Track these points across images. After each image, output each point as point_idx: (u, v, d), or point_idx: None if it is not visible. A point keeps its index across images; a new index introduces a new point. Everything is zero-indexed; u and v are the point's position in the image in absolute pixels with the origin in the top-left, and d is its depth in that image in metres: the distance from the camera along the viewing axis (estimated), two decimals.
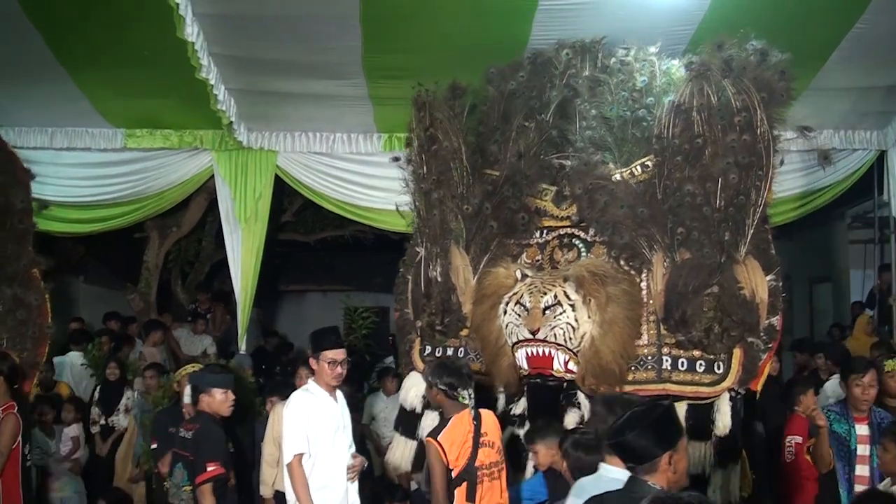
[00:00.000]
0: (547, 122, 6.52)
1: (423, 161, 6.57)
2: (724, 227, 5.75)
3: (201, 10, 6.60)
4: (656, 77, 6.19)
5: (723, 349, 5.80)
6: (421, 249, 6.67)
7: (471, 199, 6.45)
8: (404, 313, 6.86)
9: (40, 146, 9.12)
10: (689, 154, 5.81)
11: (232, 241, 9.35)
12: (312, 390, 5.73)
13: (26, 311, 6.80)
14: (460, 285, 6.44)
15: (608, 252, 6.15)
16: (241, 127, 8.77)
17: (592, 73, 6.43)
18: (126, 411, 9.00)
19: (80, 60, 7.72)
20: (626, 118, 6.18)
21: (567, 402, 6.01)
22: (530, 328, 5.91)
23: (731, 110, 5.74)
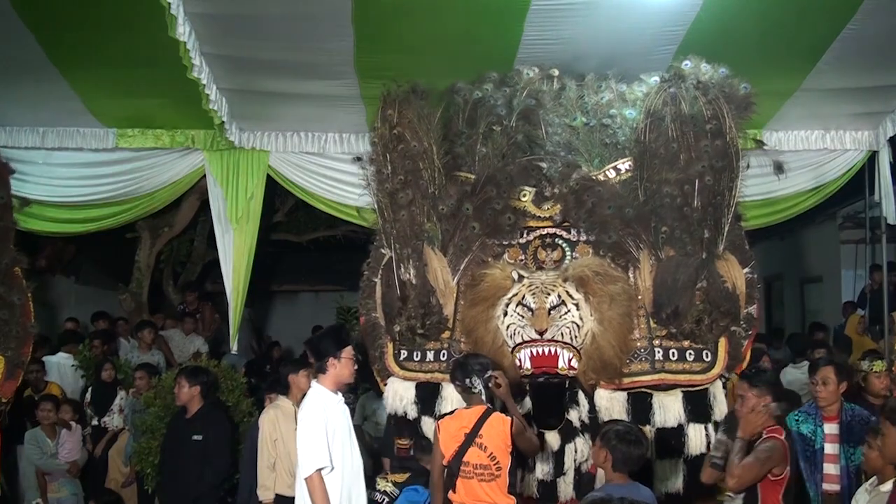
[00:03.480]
0: (513, 126, 6.58)
1: (388, 160, 6.44)
2: (704, 226, 6.13)
3: (193, 10, 6.57)
4: (615, 94, 6.60)
5: (711, 339, 6.20)
6: (388, 251, 6.52)
7: (446, 200, 6.40)
8: (371, 317, 6.70)
9: (32, 146, 9.07)
10: (665, 158, 6.14)
11: (224, 241, 9.31)
12: (323, 394, 5.59)
13: (9, 311, 6.78)
14: (440, 287, 6.37)
15: (594, 251, 6.38)
16: (233, 127, 8.74)
17: (552, 90, 6.75)
18: (119, 412, 9.02)
19: (72, 60, 7.68)
20: (591, 126, 6.55)
21: (570, 400, 6.27)
22: (538, 329, 6.04)
23: (702, 118, 6.11)
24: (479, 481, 5.34)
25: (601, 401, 6.23)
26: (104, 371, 9.32)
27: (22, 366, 6.92)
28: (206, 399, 7.12)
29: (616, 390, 6.23)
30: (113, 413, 9.09)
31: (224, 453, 7.09)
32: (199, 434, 6.97)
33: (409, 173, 6.37)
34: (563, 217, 6.49)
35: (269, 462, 6.69)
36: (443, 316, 6.41)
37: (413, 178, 6.38)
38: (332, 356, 5.61)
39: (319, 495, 5.30)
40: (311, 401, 5.58)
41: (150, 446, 7.81)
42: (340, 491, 5.43)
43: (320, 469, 5.33)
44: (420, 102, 6.47)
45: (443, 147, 6.48)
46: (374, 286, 6.64)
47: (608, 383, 6.21)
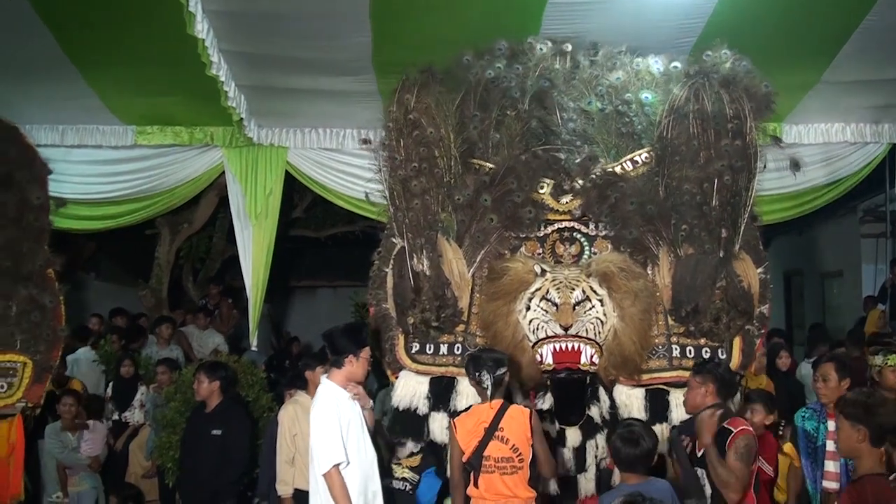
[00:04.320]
0: (526, 111, 6.49)
1: (402, 146, 6.29)
2: (722, 225, 6.08)
3: (211, 7, 6.62)
4: (630, 74, 6.48)
5: (728, 337, 6.21)
6: (399, 240, 6.36)
7: (462, 190, 6.29)
8: (382, 308, 6.55)
9: (51, 143, 9.13)
10: (686, 155, 6.12)
11: (243, 237, 9.37)
12: (335, 391, 5.54)
13: (41, 313, 6.74)
14: (455, 279, 6.26)
15: (614, 246, 6.35)
16: (252, 123, 8.79)
17: (564, 66, 6.60)
18: (140, 407, 9.08)
19: (91, 58, 7.75)
20: (606, 112, 6.45)
21: (592, 396, 6.23)
22: (564, 324, 6.00)
23: (724, 117, 6.06)
24: (501, 475, 5.28)
25: (620, 397, 6.24)
26: (123, 367, 9.38)
27: (50, 370, 6.89)
28: (225, 394, 7.13)
29: (635, 386, 6.22)
30: (134, 408, 9.15)
31: (243, 448, 7.09)
32: (219, 429, 6.98)
33: (423, 161, 6.25)
34: (582, 211, 6.45)
35: (288, 457, 6.67)
36: (458, 309, 6.30)
37: (428, 166, 6.25)
38: (352, 354, 5.56)
39: (339, 490, 5.26)
40: (322, 397, 5.54)
41: (170, 441, 7.86)
42: (359, 485, 5.41)
43: (337, 464, 5.31)
44: (438, 88, 6.38)
45: (460, 134, 6.39)
46: (384, 276, 6.50)
47: (627, 379, 6.21)
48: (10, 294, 6.66)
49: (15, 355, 6.61)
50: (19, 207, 6.81)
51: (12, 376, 6.55)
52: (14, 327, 6.66)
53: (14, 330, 6.65)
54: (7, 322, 6.64)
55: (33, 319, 6.71)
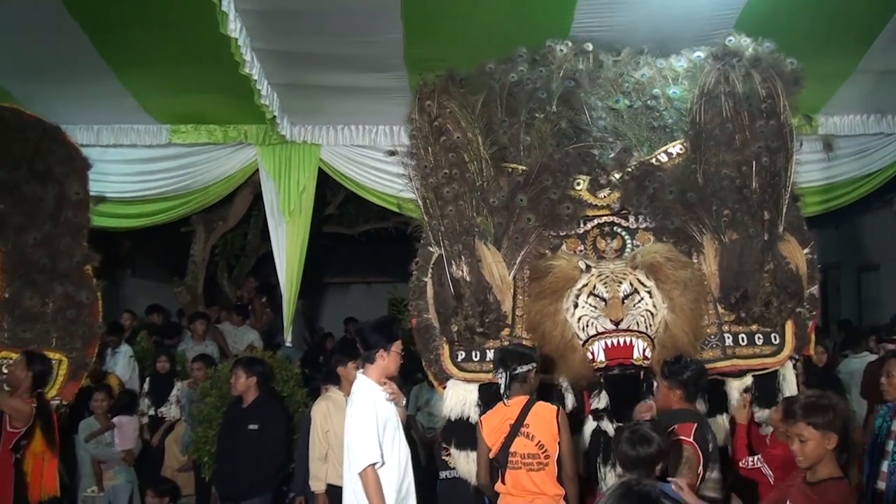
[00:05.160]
0: (555, 112, 6.44)
1: (430, 154, 6.17)
2: (763, 207, 5.96)
3: (244, 7, 6.64)
4: (654, 71, 6.43)
5: (780, 321, 6.09)
6: (437, 249, 6.23)
7: (496, 193, 6.17)
8: (424, 319, 6.39)
9: (86, 143, 9.20)
10: (721, 139, 6.02)
11: (277, 234, 9.43)
12: (372, 387, 5.56)
13: (77, 310, 6.78)
14: (496, 283, 6.12)
15: (656, 237, 6.24)
16: (285, 121, 8.84)
17: (588, 67, 6.54)
18: (176, 402, 9.17)
19: (125, 58, 7.81)
20: (634, 108, 6.38)
21: (647, 391, 6.07)
22: (614, 318, 5.87)
23: (756, 97, 5.95)
24: (528, 471, 5.26)
25: None
26: (159, 362, 9.49)
27: (86, 367, 6.94)
28: (261, 389, 7.19)
29: None
30: (170, 403, 9.25)
31: (279, 443, 7.16)
32: (255, 424, 7.05)
33: (453, 166, 6.14)
34: (620, 204, 6.36)
35: (321, 453, 6.72)
36: (501, 312, 6.16)
37: (458, 171, 6.14)
38: (383, 348, 5.59)
39: (373, 489, 5.28)
40: (360, 394, 5.55)
41: (206, 435, 7.95)
42: (394, 482, 5.42)
43: (373, 464, 5.31)
44: (459, 91, 6.28)
45: (489, 137, 6.30)
46: (424, 286, 6.38)
47: None
48: (46, 291, 6.71)
49: (51, 352, 6.64)
50: (58, 202, 6.84)
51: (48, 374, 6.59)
52: (50, 325, 6.70)
53: (50, 327, 6.69)
54: (43, 319, 6.69)
55: (69, 317, 6.75)
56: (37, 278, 6.70)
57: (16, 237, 6.73)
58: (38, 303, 6.68)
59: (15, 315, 6.65)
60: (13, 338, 6.63)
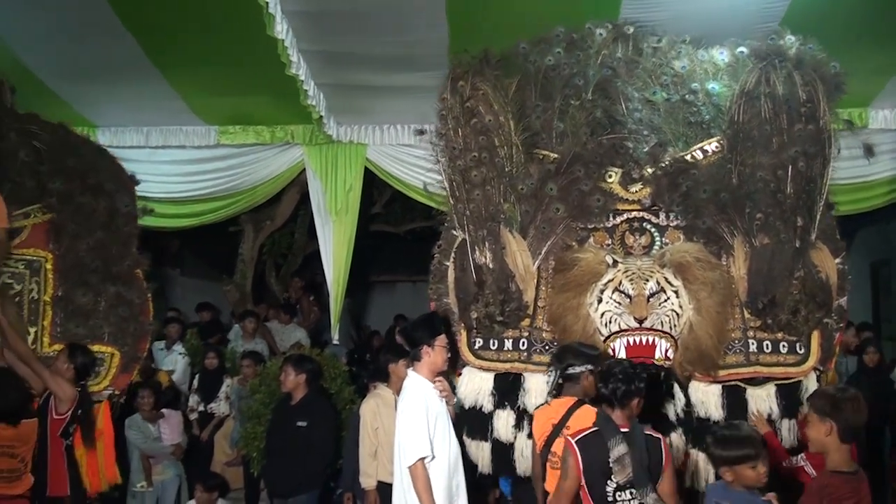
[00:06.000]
0: (590, 100, 6.31)
1: (460, 136, 6.07)
2: (797, 213, 5.83)
3: (290, 8, 6.69)
4: (695, 63, 6.26)
5: (806, 331, 5.93)
6: (460, 233, 6.18)
7: (525, 180, 6.07)
8: (443, 303, 6.33)
9: (136, 145, 9.41)
10: (758, 141, 5.89)
11: (324, 233, 9.50)
12: (421, 382, 5.58)
13: (128, 309, 6.95)
14: (519, 272, 6.02)
15: (686, 237, 6.12)
16: (331, 121, 8.91)
17: (626, 54, 6.40)
18: (226, 398, 9.30)
19: (173, 61, 7.93)
20: (672, 101, 6.23)
21: (666, 393, 5.99)
22: (638, 316, 5.79)
23: (796, 100, 5.81)
24: None
25: (696, 394, 5.97)
26: (207, 359, 9.63)
27: (138, 361, 7.10)
28: (310, 387, 7.27)
29: (711, 383, 5.96)
30: (219, 400, 9.38)
31: (328, 439, 7.22)
32: (304, 420, 7.11)
33: (483, 150, 6.03)
34: (652, 200, 6.21)
35: (371, 450, 6.77)
36: (522, 302, 6.06)
37: (488, 155, 6.03)
38: (426, 344, 5.60)
39: (422, 484, 5.29)
40: (410, 389, 5.58)
41: (255, 431, 8.05)
42: (444, 478, 5.44)
43: (422, 458, 5.33)
44: (494, 73, 6.18)
45: (521, 121, 6.19)
46: (445, 270, 6.33)
47: (703, 375, 5.94)
48: (99, 290, 6.89)
49: (103, 346, 6.84)
50: (109, 213, 7.04)
51: (100, 366, 6.79)
52: (103, 321, 6.88)
53: (102, 323, 6.88)
54: (95, 316, 6.88)
55: (121, 314, 6.93)
56: (89, 279, 6.88)
57: (70, 243, 6.92)
58: (90, 300, 6.86)
59: (67, 311, 6.84)
60: (65, 332, 6.81)
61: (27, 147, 6.98)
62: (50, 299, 6.84)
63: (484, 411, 6.10)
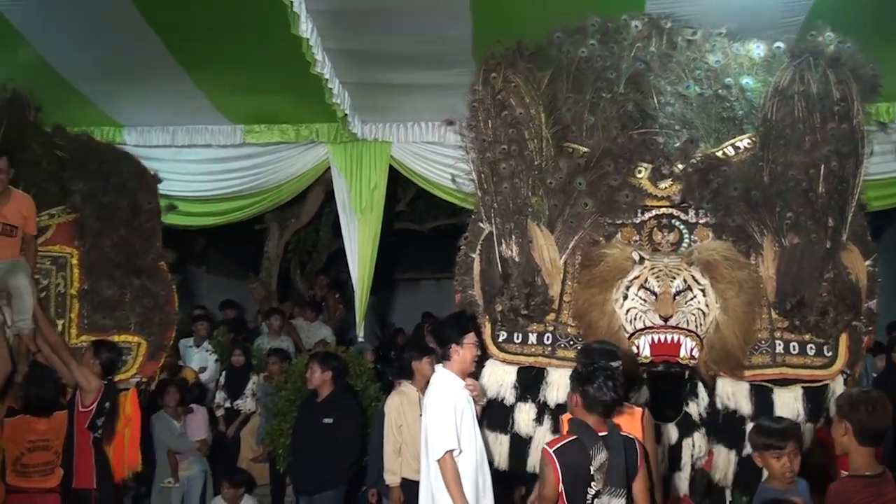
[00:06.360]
0: (622, 94, 6.26)
1: (490, 128, 6.06)
2: (828, 213, 5.74)
3: (315, 7, 6.73)
4: (729, 57, 6.18)
5: (834, 333, 5.82)
6: (487, 225, 6.16)
7: (555, 173, 6.04)
8: (468, 295, 6.31)
9: (162, 144, 9.49)
10: (791, 139, 5.81)
11: (349, 231, 9.53)
12: (450, 378, 5.59)
13: (153, 300, 7.11)
14: (546, 266, 5.97)
15: (715, 235, 6.05)
16: (356, 119, 8.93)
17: (660, 47, 6.34)
18: (252, 395, 9.36)
19: (198, 60, 7.98)
20: (705, 96, 6.16)
21: (690, 392, 5.94)
22: (664, 314, 5.69)
23: (830, 99, 5.74)
24: None
25: (725, 388, 5.89)
26: (234, 356, 9.69)
27: (164, 349, 7.28)
28: (336, 384, 7.32)
29: (739, 381, 5.89)
30: (245, 396, 9.45)
31: (353, 436, 7.25)
32: (330, 417, 7.15)
33: (512, 142, 6.00)
34: (681, 197, 6.15)
35: (395, 447, 6.79)
36: (548, 297, 6.01)
37: (517, 147, 6.00)
38: (455, 342, 5.60)
39: (451, 476, 5.30)
40: (438, 385, 5.60)
41: (281, 428, 8.11)
42: (472, 473, 5.44)
43: (450, 451, 5.34)
44: (527, 66, 6.16)
45: (552, 115, 6.15)
46: (471, 262, 6.30)
47: (728, 375, 5.88)
48: (123, 283, 7.07)
49: (129, 336, 7.03)
50: (132, 211, 7.22)
51: (127, 354, 6.97)
52: (129, 312, 7.06)
53: (129, 314, 7.05)
54: (122, 307, 7.05)
55: (147, 305, 7.10)
56: (114, 272, 7.07)
57: (94, 240, 7.12)
58: (115, 293, 7.04)
59: (94, 303, 7.02)
60: (92, 324, 7.00)
61: (50, 156, 7.32)
62: (76, 292, 7.04)
63: (505, 404, 6.08)
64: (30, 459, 6.14)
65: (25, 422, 6.18)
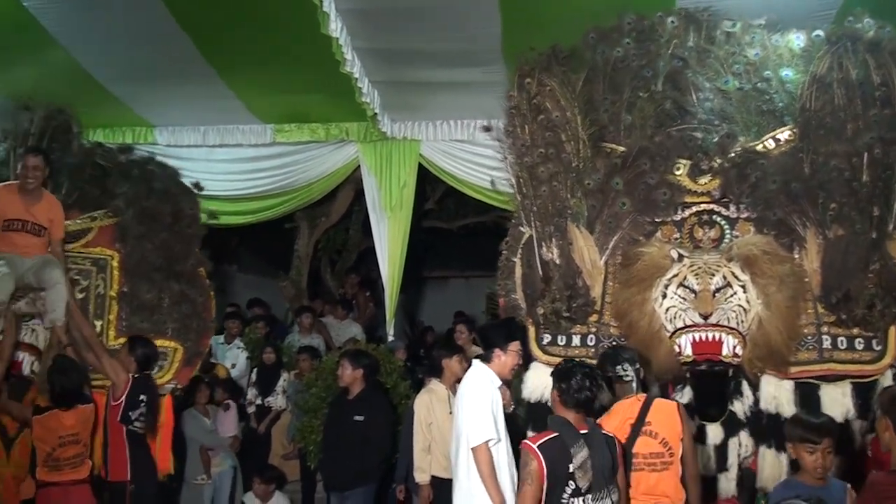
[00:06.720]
0: (660, 92, 6.21)
1: (527, 132, 6.05)
2: (873, 203, 5.61)
3: (344, 7, 6.76)
4: (768, 50, 6.09)
5: (883, 326, 5.68)
6: (527, 229, 6.15)
7: (592, 174, 5.99)
8: (511, 299, 6.28)
9: (194, 144, 9.60)
10: (831, 128, 5.70)
11: (379, 229, 9.59)
12: (487, 374, 5.54)
13: (191, 306, 7.18)
14: (586, 267, 5.98)
15: (757, 229, 5.95)
16: (385, 118, 8.97)
17: (698, 42, 6.28)
18: (283, 392, 9.42)
19: (229, 61, 8.06)
20: (745, 90, 6.08)
21: (734, 390, 5.87)
22: (703, 312, 5.66)
23: (870, 84, 5.64)
24: (651, 471, 4.95)
25: (769, 388, 5.76)
26: (265, 354, 9.75)
27: (200, 356, 7.36)
28: (367, 381, 7.33)
29: (784, 379, 5.73)
30: (276, 393, 9.50)
31: (384, 434, 7.27)
32: (361, 415, 7.17)
33: (550, 146, 6.00)
34: (721, 192, 6.05)
35: (424, 445, 6.81)
36: (590, 298, 5.99)
37: (555, 150, 5.99)
38: (500, 348, 5.55)
39: (486, 466, 5.29)
40: (477, 377, 5.55)
41: (312, 425, 8.15)
42: (506, 465, 5.44)
43: (488, 441, 5.33)
44: (561, 69, 6.16)
45: (587, 116, 6.12)
46: (513, 266, 6.27)
47: (774, 372, 5.74)
48: (162, 287, 7.12)
49: (166, 341, 7.05)
50: (174, 216, 7.31)
51: (163, 360, 7.00)
52: (166, 317, 7.11)
53: (166, 319, 7.10)
54: (160, 311, 7.10)
55: (184, 311, 7.15)
56: (154, 276, 7.11)
57: (135, 243, 7.17)
58: (154, 297, 7.09)
59: (133, 306, 7.07)
60: (130, 327, 7.04)
61: (93, 163, 7.47)
62: (116, 294, 7.09)
63: (549, 406, 5.87)
64: (61, 454, 6.19)
65: (55, 418, 6.22)
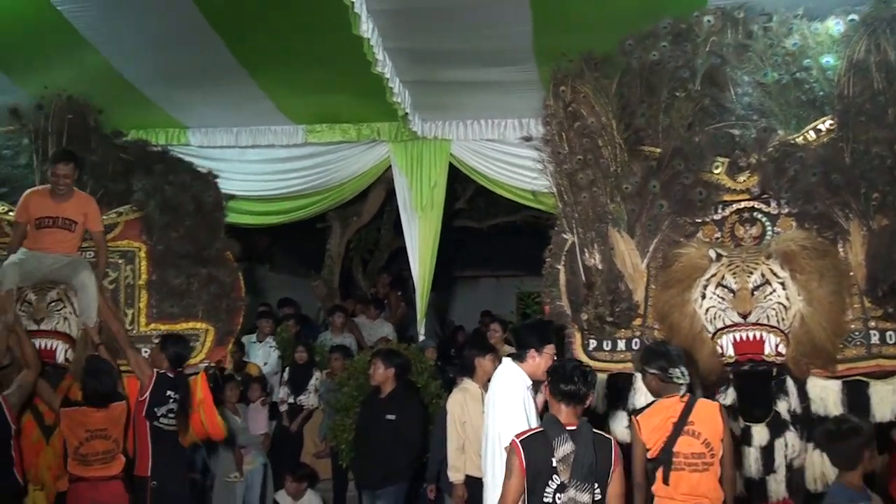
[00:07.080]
0: (698, 91, 6.18)
1: (564, 140, 6.13)
2: None
3: (375, 7, 6.77)
4: (807, 38, 6.02)
5: None
6: (570, 236, 6.21)
7: (629, 178, 6.05)
8: (557, 306, 6.32)
9: (227, 145, 9.66)
10: (871, 114, 5.60)
11: (410, 229, 9.60)
12: (519, 373, 5.46)
13: (220, 287, 7.28)
14: (628, 272, 6.03)
15: (798, 224, 5.89)
16: (416, 118, 8.97)
17: (736, 38, 6.24)
18: (315, 391, 9.47)
19: (261, 62, 8.08)
20: (784, 82, 6.01)
21: (778, 390, 5.79)
22: (741, 311, 5.63)
23: None
24: (692, 471, 4.91)
25: (814, 389, 5.69)
26: (297, 353, 9.81)
27: (232, 334, 7.46)
28: (399, 380, 7.36)
29: (830, 378, 5.67)
30: (308, 392, 9.56)
31: (416, 433, 7.29)
32: (393, 414, 7.20)
33: (587, 152, 6.07)
34: (761, 188, 6.02)
35: (459, 444, 6.81)
36: (633, 302, 6.05)
37: (593, 156, 6.06)
38: (535, 349, 5.47)
39: None
40: (508, 376, 5.49)
41: (344, 424, 8.21)
42: None
43: None
44: (594, 75, 6.18)
45: (623, 121, 6.15)
46: (557, 273, 6.31)
47: (821, 370, 5.67)
48: (190, 272, 7.24)
49: (197, 323, 7.20)
50: (196, 203, 7.42)
51: (195, 341, 7.14)
52: (196, 300, 7.23)
53: (196, 302, 7.23)
54: (189, 295, 7.22)
55: (213, 292, 7.26)
56: (181, 263, 7.25)
57: (160, 233, 7.31)
58: (183, 282, 7.22)
59: (162, 293, 7.22)
60: (160, 312, 7.20)
61: (115, 159, 7.62)
62: (144, 283, 7.24)
63: (598, 412, 5.99)
64: (89, 448, 6.25)
65: (82, 413, 6.29)
